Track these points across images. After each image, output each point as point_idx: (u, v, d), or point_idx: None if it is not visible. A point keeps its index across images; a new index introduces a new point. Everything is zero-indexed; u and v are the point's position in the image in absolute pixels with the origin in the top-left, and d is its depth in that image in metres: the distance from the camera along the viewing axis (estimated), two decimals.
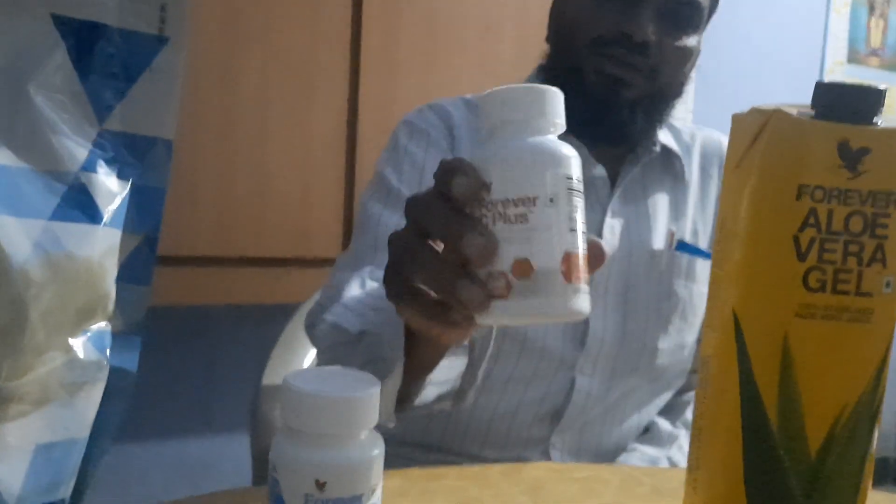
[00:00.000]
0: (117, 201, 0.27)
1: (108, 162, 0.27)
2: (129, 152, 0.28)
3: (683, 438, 0.84)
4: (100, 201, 0.26)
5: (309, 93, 1.41)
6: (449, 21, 1.49)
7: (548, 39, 0.84)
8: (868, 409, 0.33)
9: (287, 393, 0.35)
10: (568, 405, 0.78)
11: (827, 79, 2.30)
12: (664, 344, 0.80)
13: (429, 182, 0.77)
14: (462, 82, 1.51)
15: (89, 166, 0.26)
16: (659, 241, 0.82)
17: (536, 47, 0.91)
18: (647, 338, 0.80)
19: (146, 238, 0.28)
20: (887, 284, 0.33)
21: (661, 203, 0.84)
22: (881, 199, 0.32)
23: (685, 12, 0.77)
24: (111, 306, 0.27)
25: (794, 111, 0.34)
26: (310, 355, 1.09)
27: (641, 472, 0.52)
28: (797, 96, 2.34)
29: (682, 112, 2.09)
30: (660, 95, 0.79)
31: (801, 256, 0.32)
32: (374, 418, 0.35)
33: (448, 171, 0.36)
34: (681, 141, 0.88)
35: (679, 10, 0.76)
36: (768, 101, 1.59)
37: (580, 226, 0.35)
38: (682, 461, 0.81)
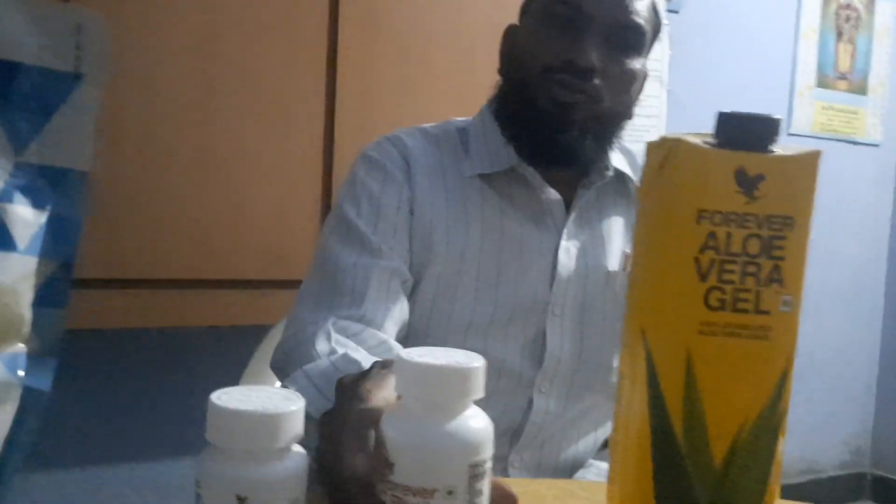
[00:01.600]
0: (33, 230, 0.28)
1: (25, 193, 0.28)
2: (45, 184, 0.29)
3: None
4: (15, 230, 0.28)
5: (285, 116, 1.43)
6: (423, 46, 1.52)
7: (500, 72, 0.87)
8: (769, 422, 0.34)
9: (210, 410, 0.36)
10: (526, 423, 0.79)
11: (796, 102, 2.34)
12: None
13: (385, 216, 0.79)
14: (436, 106, 1.53)
15: (5, 197, 0.28)
16: (614, 263, 0.84)
17: None
18: (603, 357, 0.82)
19: (63, 264, 0.30)
20: (785, 303, 0.35)
21: (615, 225, 0.86)
22: (777, 223, 0.34)
23: (628, 37, 0.80)
24: (26, 329, 0.28)
25: (698, 140, 0.36)
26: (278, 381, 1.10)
27: (578, 486, 0.54)
28: None
29: (655, 135, 2.12)
30: (607, 118, 0.82)
31: (702, 277, 0.34)
32: (296, 434, 0.37)
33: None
34: (634, 164, 0.91)
35: (621, 35, 0.80)
36: None
37: None
38: None
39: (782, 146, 0.36)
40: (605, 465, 0.83)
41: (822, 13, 2.35)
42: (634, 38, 0.81)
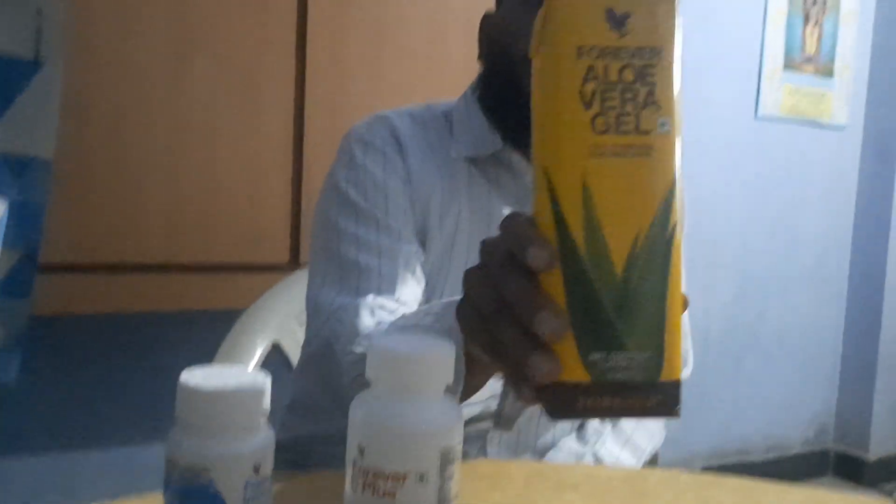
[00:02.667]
0: None
1: None
2: (7, 172, 0.29)
3: (608, 434, 0.87)
4: None
5: (256, 97, 1.41)
6: (396, 25, 1.50)
7: (480, 58, 0.87)
8: (662, 232, 0.38)
9: (179, 387, 0.37)
10: (504, 404, 0.80)
11: (764, 85, 2.36)
12: None
13: (394, 199, 0.78)
14: (409, 87, 1.52)
15: None
16: None
17: None
18: None
19: (26, 253, 0.29)
20: (662, 124, 0.39)
21: None
22: (646, 53, 0.38)
23: None
24: None
25: None
26: (252, 362, 1.10)
27: (548, 468, 0.55)
28: (737, 101, 2.42)
29: None
30: None
31: (587, 105, 0.38)
32: (263, 411, 0.37)
33: (524, 240, 0.38)
34: None
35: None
36: (710, 108, 1.64)
37: (454, 492, 0.38)
38: (607, 457, 0.83)
39: None
40: (577, 447, 0.84)
41: None
42: None
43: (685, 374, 0.97)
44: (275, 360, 1.15)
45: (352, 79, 1.48)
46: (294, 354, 1.15)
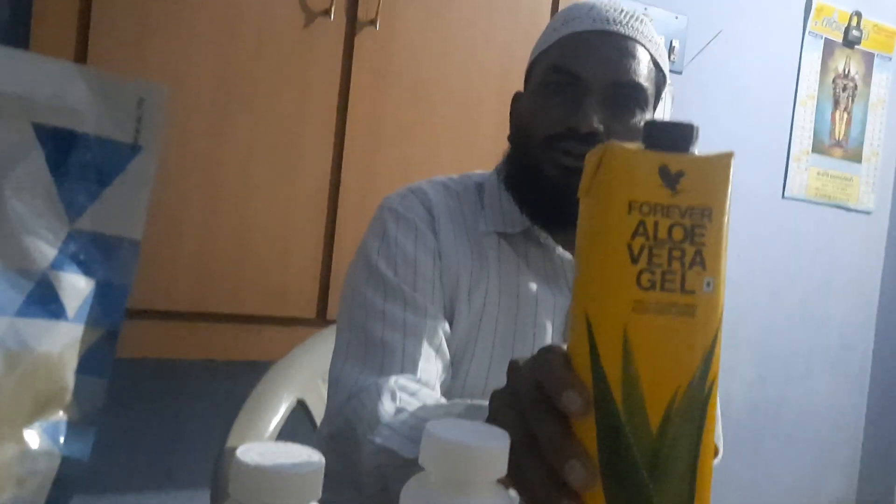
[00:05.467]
0: (82, 297, 0.29)
1: (77, 260, 0.29)
2: (97, 251, 0.30)
3: None
4: (65, 298, 0.28)
5: (294, 156, 1.44)
6: (433, 94, 1.54)
7: (509, 138, 0.89)
8: (699, 392, 0.38)
9: (235, 464, 0.37)
10: None
11: (792, 167, 2.38)
12: None
13: (423, 274, 0.79)
14: (443, 153, 1.55)
15: (58, 265, 0.28)
16: None
17: None
18: None
19: (107, 332, 0.30)
20: (707, 284, 0.39)
21: None
22: (697, 213, 0.39)
23: (627, 96, 0.82)
24: (69, 397, 0.28)
25: (629, 144, 0.40)
26: (276, 418, 1.10)
27: None
28: (766, 181, 2.44)
29: None
30: None
31: (634, 260, 0.38)
32: (315, 492, 0.37)
33: (561, 382, 0.38)
34: None
35: (621, 95, 0.81)
36: (737, 187, 1.64)
37: None
38: None
39: (700, 149, 0.41)
40: None
41: (819, 81, 2.41)
42: (634, 96, 0.82)
43: (716, 461, 0.96)
44: (299, 417, 1.15)
45: (388, 144, 1.51)
46: (318, 411, 1.15)
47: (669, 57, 2.12)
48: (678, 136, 0.39)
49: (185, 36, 1.33)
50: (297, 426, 1.14)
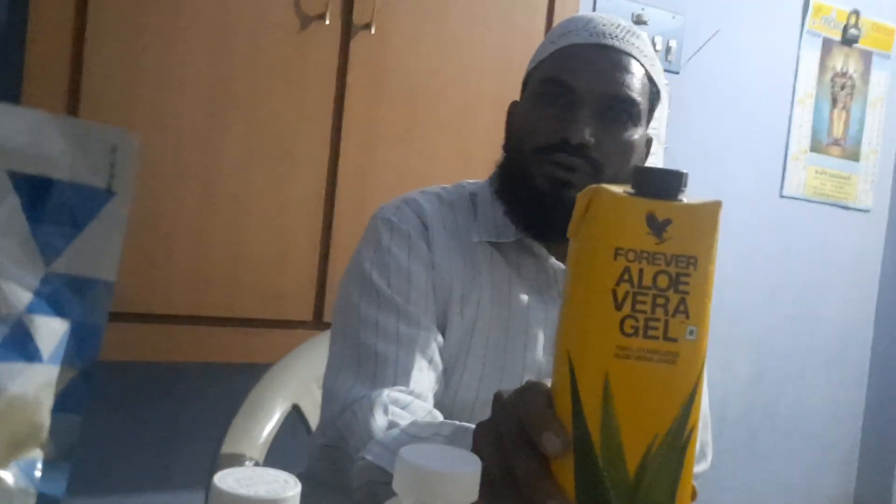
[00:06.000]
0: (57, 339, 0.30)
1: (52, 303, 0.30)
2: (72, 293, 0.31)
3: None
4: (40, 341, 0.29)
5: (290, 160, 1.45)
6: (428, 98, 1.55)
7: (503, 147, 0.90)
8: (677, 439, 0.38)
9: (213, 492, 0.38)
10: None
11: (790, 166, 2.38)
12: None
13: (416, 285, 0.80)
14: (438, 157, 1.56)
15: (33, 308, 0.29)
16: None
17: None
18: None
19: (82, 371, 0.31)
20: (690, 332, 0.39)
21: None
22: (682, 262, 0.39)
23: (620, 110, 0.82)
24: (45, 436, 0.30)
25: (618, 189, 0.40)
26: (270, 424, 1.11)
27: None
28: (764, 180, 2.44)
29: None
30: None
31: (618, 306, 0.38)
32: None
33: (541, 422, 0.39)
34: None
35: (614, 108, 0.82)
36: (735, 185, 1.66)
37: None
38: None
39: (691, 196, 0.40)
40: None
41: (817, 80, 2.41)
42: (627, 111, 0.83)
43: (703, 468, 0.97)
44: (294, 422, 1.16)
45: (384, 147, 1.52)
46: (312, 416, 1.16)
47: (667, 57, 2.12)
48: (667, 183, 0.39)
49: (180, 40, 1.34)
50: (292, 431, 1.16)
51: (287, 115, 1.44)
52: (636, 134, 0.85)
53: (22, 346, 0.29)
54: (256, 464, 1.01)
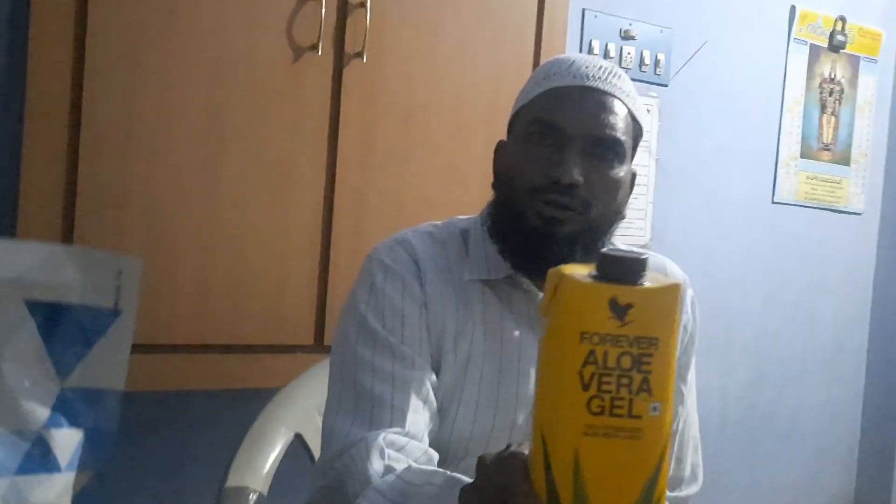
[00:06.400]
0: (73, 447, 0.33)
1: (68, 415, 0.33)
2: (85, 404, 0.34)
3: None
4: (58, 452, 0.32)
5: (288, 188, 1.48)
6: (422, 122, 1.57)
7: (493, 186, 0.93)
8: None
9: None
10: None
11: (781, 172, 2.41)
12: None
13: (410, 325, 0.82)
14: (434, 180, 1.59)
15: (51, 423, 0.32)
16: None
17: None
18: None
19: (96, 474, 0.34)
20: (654, 409, 0.41)
21: None
22: (644, 343, 0.41)
23: (606, 150, 0.86)
24: None
25: (584, 272, 0.43)
26: (274, 454, 1.14)
27: None
28: (755, 188, 2.46)
29: (643, 203, 2.18)
30: (596, 227, 0.87)
31: (585, 387, 0.41)
32: None
33: (518, 492, 0.42)
34: None
35: (600, 148, 0.85)
36: (728, 193, 1.69)
37: None
38: None
39: (652, 278, 0.43)
40: None
41: (806, 87, 2.44)
42: (613, 150, 0.87)
43: (694, 490, 1.00)
44: (297, 451, 1.20)
45: (380, 171, 1.55)
46: (314, 444, 1.20)
47: (655, 70, 2.15)
48: (628, 269, 0.42)
49: (176, 75, 1.37)
50: (295, 460, 1.19)
51: (284, 144, 1.47)
52: (622, 171, 0.88)
53: (43, 459, 0.32)
54: (260, 496, 1.04)
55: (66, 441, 0.33)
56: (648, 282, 0.43)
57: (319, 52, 1.48)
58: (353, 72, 1.52)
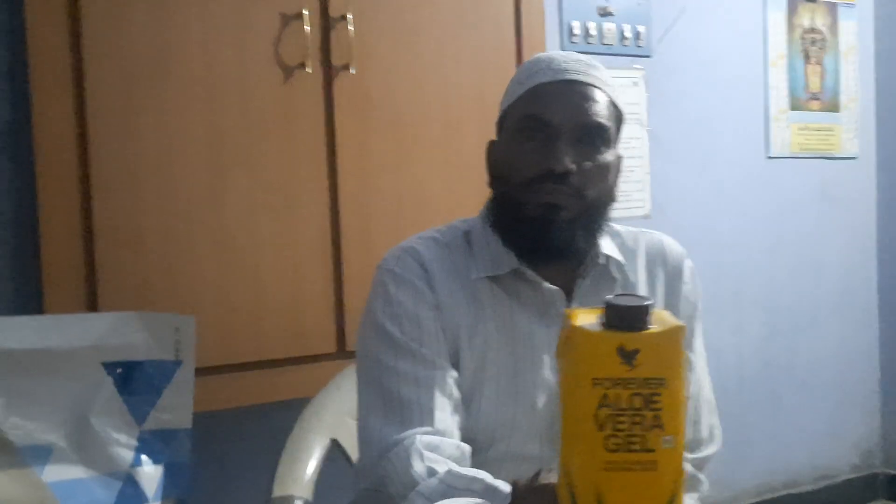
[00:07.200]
0: (157, 480, 0.38)
1: (148, 454, 0.38)
2: (161, 443, 0.39)
3: None
4: (145, 487, 0.37)
5: (293, 204, 1.51)
6: (414, 126, 1.61)
7: (489, 184, 0.97)
8: None
9: None
10: None
11: (772, 126, 2.44)
12: None
13: (427, 329, 0.87)
14: (431, 181, 1.63)
15: (136, 462, 0.37)
16: None
17: None
18: None
19: (178, 499, 0.39)
20: (666, 441, 0.45)
21: None
22: (653, 383, 0.45)
23: (594, 136, 0.91)
24: None
25: (594, 319, 0.47)
26: (314, 460, 1.19)
27: None
28: (747, 145, 2.49)
29: (640, 175, 2.21)
30: (592, 209, 0.92)
31: (601, 427, 0.45)
32: None
33: None
34: (625, 247, 1.00)
35: (588, 136, 0.90)
36: (722, 155, 1.74)
37: None
38: None
39: (658, 320, 0.47)
40: None
41: (787, 39, 2.46)
42: (600, 136, 0.92)
43: (714, 449, 1.05)
44: (335, 455, 1.24)
45: (379, 178, 1.58)
46: (350, 447, 1.24)
47: (637, 42, 2.18)
48: (633, 317, 0.46)
49: (174, 109, 1.41)
50: (335, 464, 1.24)
51: (284, 163, 1.51)
52: (610, 155, 0.93)
53: (134, 494, 0.37)
54: (307, 503, 1.09)
55: (150, 476, 0.38)
56: (654, 324, 0.46)
57: (308, 69, 1.52)
58: (343, 84, 1.55)
